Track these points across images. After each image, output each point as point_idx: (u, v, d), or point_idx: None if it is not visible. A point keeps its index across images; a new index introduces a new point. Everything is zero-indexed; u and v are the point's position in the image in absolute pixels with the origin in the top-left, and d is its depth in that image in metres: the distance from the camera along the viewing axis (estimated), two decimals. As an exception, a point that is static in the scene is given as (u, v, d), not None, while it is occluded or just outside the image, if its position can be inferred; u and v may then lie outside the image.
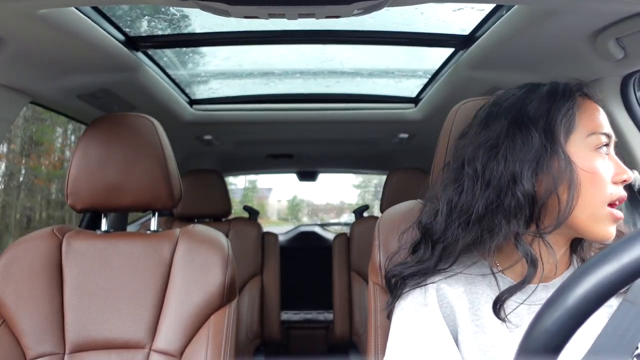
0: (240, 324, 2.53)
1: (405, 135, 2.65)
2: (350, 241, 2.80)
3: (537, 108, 0.83)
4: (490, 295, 0.83)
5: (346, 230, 3.38)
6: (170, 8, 1.53)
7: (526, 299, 0.82)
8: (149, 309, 1.28)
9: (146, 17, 1.59)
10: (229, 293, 1.30)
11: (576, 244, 0.88)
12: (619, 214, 0.79)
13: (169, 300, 1.28)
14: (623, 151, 1.46)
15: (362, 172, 4.88)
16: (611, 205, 0.79)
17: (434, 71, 2.07)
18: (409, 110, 2.45)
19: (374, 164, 3.78)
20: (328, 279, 2.82)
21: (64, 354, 1.24)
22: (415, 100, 2.43)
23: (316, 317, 3.53)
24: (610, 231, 0.79)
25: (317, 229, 4.33)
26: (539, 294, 0.82)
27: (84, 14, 1.29)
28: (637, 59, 1.28)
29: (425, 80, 2.21)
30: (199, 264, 1.30)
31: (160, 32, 1.69)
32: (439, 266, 0.85)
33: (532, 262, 0.78)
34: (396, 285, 0.88)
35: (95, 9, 1.35)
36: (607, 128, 0.83)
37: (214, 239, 1.37)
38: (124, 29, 1.56)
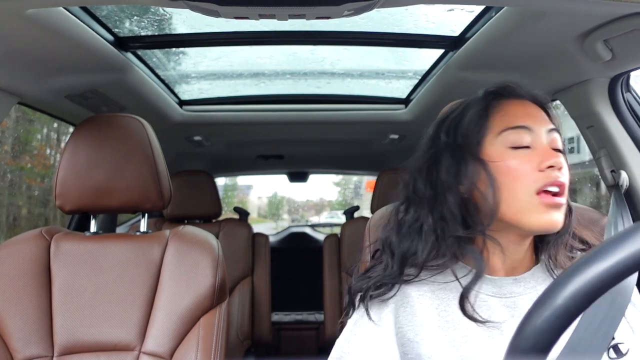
0: (230, 325, 2.52)
1: (395, 136, 2.66)
2: (341, 242, 2.80)
3: (454, 119, 0.91)
4: (460, 291, 0.86)
5: (337, 231, 3.38)
6: (160, 8, 1.52)
7: (524, 294, 0.85)
8: (139, 311, 1.27)
9: (135, 18, 1.59)
10: (219, 294, 1.30)
11: (542, 241, 0.90)
12: (552, 199, 0.81)
13: (158, 302, 1.28)
14: (611, 151, 1.48)
15: (352, 172, 4.89)
16: (545, 192, 0.81)
17: (424, 72, 2.07)
18: (399, 111, 2.46)
19: (365, 165, 3.79)
20: (319, 280, 2.82)
21: (52, 356, 1.23)
22: (405, 101, 2.44)
23: (307, 318, 3.53)
24: (548, 218, 0.81)
25: (308, 230, 4.33)
26: (510, 288, 0.86)
27: (73, 14, 1.28)
28: (624, 61, 1.29)
29: (415, 81, 2.22)
30: (189, 266, 1.30)
31: (149, 33, 1.69)
32: (404, 275, 0.88)
33: (478, 260, 0.84)
34: (362, 300, 0.89)
35: (84, 9, 1.34)
36: (523, 121, 0.86)
37: (204, 240, 1.36)
38: (113, 30, 1.55)
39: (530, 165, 0.82)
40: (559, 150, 0.86)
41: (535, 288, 0.86)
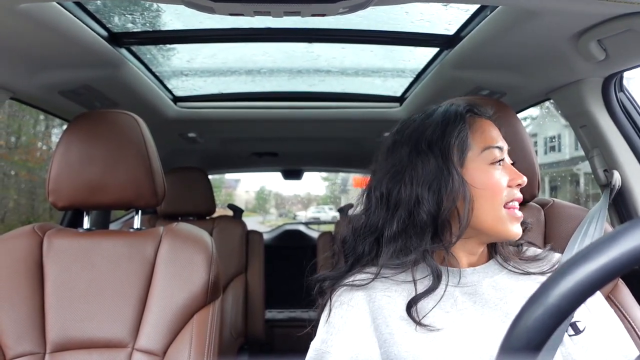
0: (224, 323, 2.51)
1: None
2: (335, 240, 2.80)
3: (432, 134, 0.93)
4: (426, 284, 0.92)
5: (324, 228, 3.37)
6: (154, 4, 1.52)
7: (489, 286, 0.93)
8: (132, 308, 1.27)
9: (130, 13, 1.58)
10: (212, 292, 1.29)
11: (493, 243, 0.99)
12: (517, 213, 0.91)
13: (152, 299, 1.27)
14: (604, 151, 1.48)
15: (346, 170, 4.90)
16: (509, 207, 0.91)
17: (418, 70, 2.08)
18: (394, 109, 2.46)
19: (359, 163, 3.79)
20: None
21: (44, 353, 1.22)
22: (400, 100, 2.44)
23: (300, 316, 3.53)
24: (514, 230, 0.91)
25: (302, 228, 4.33)
26: (470, 277, 0.93)
27: (66, 9, 1.27)
28: (618, 61, 1.30)
29: (410, 80, 2.22)
30: (182, 263, 1.30)
31: (143, 29, 1.68)
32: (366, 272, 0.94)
33: (437, 277, 0.89)
34: (321, 294, 0.99)
35: (78, 4, 1.33)
36: (500, 141, 0.94)
37: (198, 237, 1.36)
38: (106, 25, 1.54)
39: (504, 181, 0.91)
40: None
41: (492, 276, 0.94)
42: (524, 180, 0.91)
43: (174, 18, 1.64)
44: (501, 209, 0.90)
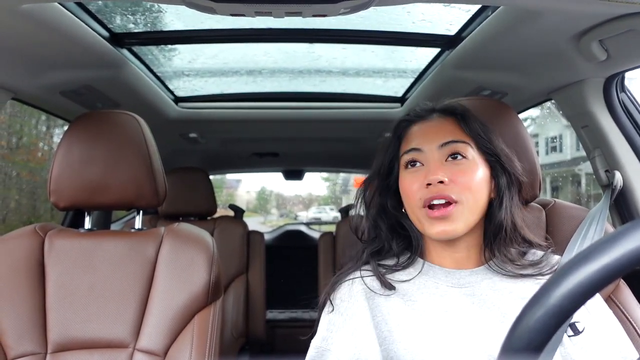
0: (225, 323, 2.51)
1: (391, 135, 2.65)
2: (336, 240, 2.79)
3: (385, 145, 1.04)
4: (425, 283, 0.95)
5: (325, 228, 3.37)
6: (156, 5, 1.52)
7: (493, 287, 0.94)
8: (133, 308, 1.27)
9: (131, 14, 1.58)
10: (213, 292, 1.29)
11: (486, 242, 0.98)
12: (434, 213, 0.91)
13: (153, 299, 1.27)
14: (605, 151, 1.48)
15: (347, 170, 4.90)
16: (431, 206, 0.91)
17: (420, 71, 2.07)
18: (395, 110, 2.46)
19: (360, 163, 3.79)
20: (314, 278, 2.82)
21: (45, 353, 1.23)
22: (401, 100, 2.44)
23: (301, 316, 3.53)
24: (436, 229, 0.91)
25: (303, 228, 4.34)
26: (467, 279, 0.95)
27: (68, 10, 1.27)
28: (619, 61, 1.29)
29: (411, 80, 2.22)
30: (183, 263, 1.30)
31: (145, 29, 1.68)
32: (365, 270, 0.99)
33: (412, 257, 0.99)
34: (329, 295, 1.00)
35: (80, 4, 1.34)
36: (415, 143, 0.97)
37: (199, 237, 1.36)
38: (108, 26, 1.54)
39: (418, 182, 0.93)
40: (464, 157, 0.94)
41: (491, 279, 0.94)
42: (430, 179, 0.90)
43: (175, 18, 1.64)
44: (419, 210, 0.93)
